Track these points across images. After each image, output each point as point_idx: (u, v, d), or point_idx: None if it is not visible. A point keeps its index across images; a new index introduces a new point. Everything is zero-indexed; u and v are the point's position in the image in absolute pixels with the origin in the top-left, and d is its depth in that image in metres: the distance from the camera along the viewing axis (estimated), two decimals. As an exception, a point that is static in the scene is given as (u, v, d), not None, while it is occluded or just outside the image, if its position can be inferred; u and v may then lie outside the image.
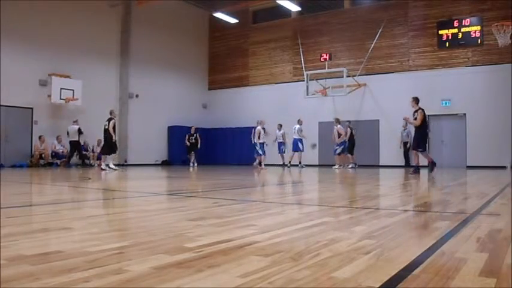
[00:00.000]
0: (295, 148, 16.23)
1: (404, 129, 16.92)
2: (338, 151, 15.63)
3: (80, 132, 14.94)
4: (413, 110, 10.36)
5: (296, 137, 16.20)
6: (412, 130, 16.08)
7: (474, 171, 12.97)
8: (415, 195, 5.69)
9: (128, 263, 1.72)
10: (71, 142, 15.07)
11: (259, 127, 15.08)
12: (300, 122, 16.39)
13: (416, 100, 10.36)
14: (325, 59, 17.84)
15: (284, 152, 16.60)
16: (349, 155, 15.87)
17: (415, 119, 10.21)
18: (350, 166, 15.74)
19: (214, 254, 1.88)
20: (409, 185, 7.31)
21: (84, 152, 16.58)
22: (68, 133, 15.23)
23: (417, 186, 7.19)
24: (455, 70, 16.59)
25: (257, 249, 1.98)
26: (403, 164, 16.96)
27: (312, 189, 6.91)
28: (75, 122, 15.09)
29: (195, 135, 17.30)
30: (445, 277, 1.53)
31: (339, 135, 15.57)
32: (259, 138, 15.09)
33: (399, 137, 17.11)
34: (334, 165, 15.69)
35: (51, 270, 1.58)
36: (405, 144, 16.89)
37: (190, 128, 17.76)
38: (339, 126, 15.66)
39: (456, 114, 16.63)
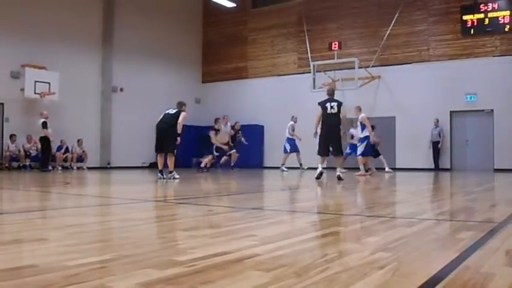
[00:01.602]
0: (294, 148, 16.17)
1: (435, 127, 16.85)
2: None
3: (43, 126, 14.20)
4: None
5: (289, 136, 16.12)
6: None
7: (503, 175, 12.96)
8: (435, 202, 5.69)
9: (110, 278, 1.72)
10: (39, 139, 14.63)
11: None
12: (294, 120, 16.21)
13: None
14: (335, 48, 17.82)
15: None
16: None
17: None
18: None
19: (209, 268, 1.88)
20: (427, 191, 7.30)
21: (66, 154, 16.39)
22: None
23: (437, 192, 7.18)
24: (482, 60, 16.57)
25: (257, 263, 1.98)
26: (431, 166, 16.81)
27: (319, 194, 6.90)
28: (41, 114, 14.56)
29: None
30: (470, 295, 1.53)
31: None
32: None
33: (427, 136, 16.92)
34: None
35: (24, 287, 1.58)
36: (436, 144, 16.81)
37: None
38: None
39: (482, 111, 16.62)
